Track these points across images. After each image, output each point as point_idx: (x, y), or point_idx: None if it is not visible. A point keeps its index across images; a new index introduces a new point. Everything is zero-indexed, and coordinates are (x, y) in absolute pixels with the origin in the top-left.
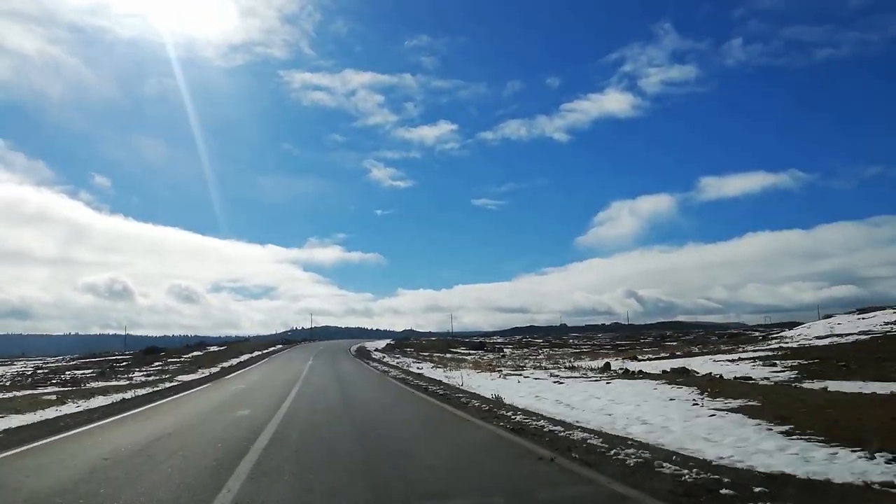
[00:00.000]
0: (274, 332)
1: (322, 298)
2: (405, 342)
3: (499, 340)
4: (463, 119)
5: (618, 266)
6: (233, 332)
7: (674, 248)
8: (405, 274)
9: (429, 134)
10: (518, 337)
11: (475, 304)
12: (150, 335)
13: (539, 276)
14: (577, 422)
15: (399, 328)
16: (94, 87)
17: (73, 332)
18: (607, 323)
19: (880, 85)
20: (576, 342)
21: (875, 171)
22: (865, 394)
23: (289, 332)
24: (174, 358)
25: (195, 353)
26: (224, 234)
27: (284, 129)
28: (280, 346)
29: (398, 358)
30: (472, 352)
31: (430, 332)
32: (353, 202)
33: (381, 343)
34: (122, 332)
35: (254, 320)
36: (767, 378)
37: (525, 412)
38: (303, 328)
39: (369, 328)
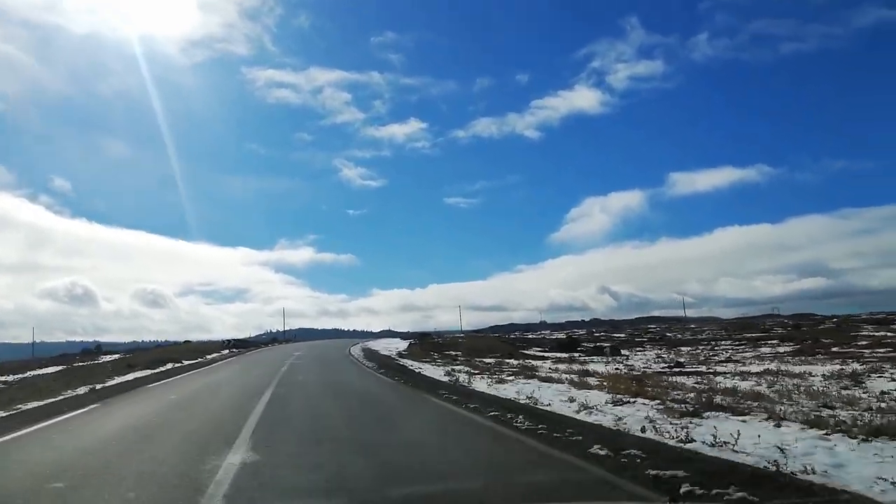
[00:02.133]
0: (248, 335)
1: (295, 300)
2: (431, 341)
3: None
4: (433, 117)
5: (591, 262)
6: (205, 336)
7: (646, 243)
8: (379, 274)
9: (399, 132)
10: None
11: (450, 302)
12: (119, 341)
13: (513, 274)
14: None
15: (376, 328)
16: (50, 85)
17: (38, 340)
18: (586, 319)
19: (845, 78)
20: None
21: (841, 165)
22: None
23: (263, 334)
24: None
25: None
26: (192, 236)
27: (250, 128)
28: (227, 352)
29: (483, 377)
30: (556, 355)
31: (447, 330)
32: (324, 202)
33: (395, 342)
34: (90, 339)
35: (226, 324)
36: None
37: None
38: (278, 330)
39: (345, 329)
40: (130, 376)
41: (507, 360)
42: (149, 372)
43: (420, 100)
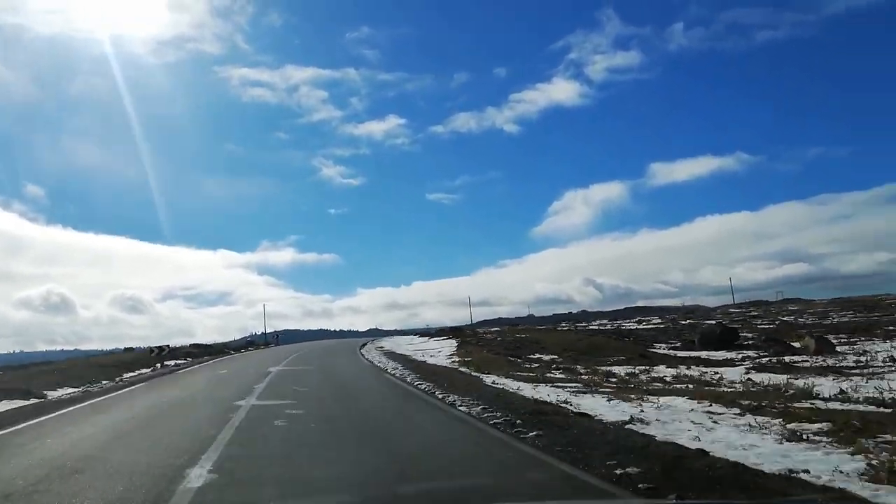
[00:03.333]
0: (232, 339)
1: (279, 302)
2: (472, 337)
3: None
4: (411, 113)
5: (574, 255)
6: (188, 341)
7: (628, 234)
8: (363, 273)
9: (377, 129)
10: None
11: (435, 299)
12: (100, 349)
13: (497, 269)
14: None
15: (362, 328)
16: (17, 89)
17: (17, 350)
18: (574, 311)
19: (818, 65)
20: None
21: (817, 152)
22: None
23: (248, 336)
24: None
25: None
26: (171, 240)
27: (226, 129)
28: (150, 370)
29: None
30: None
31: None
32: (305, 202)
33: (419, 342)
34: (70, 348)
35: (209, 327)
36: None
37: None
38: (262, 333)
39: (330, 329)
40: None
41: (652, 368)
42: None
43: (398, 96)
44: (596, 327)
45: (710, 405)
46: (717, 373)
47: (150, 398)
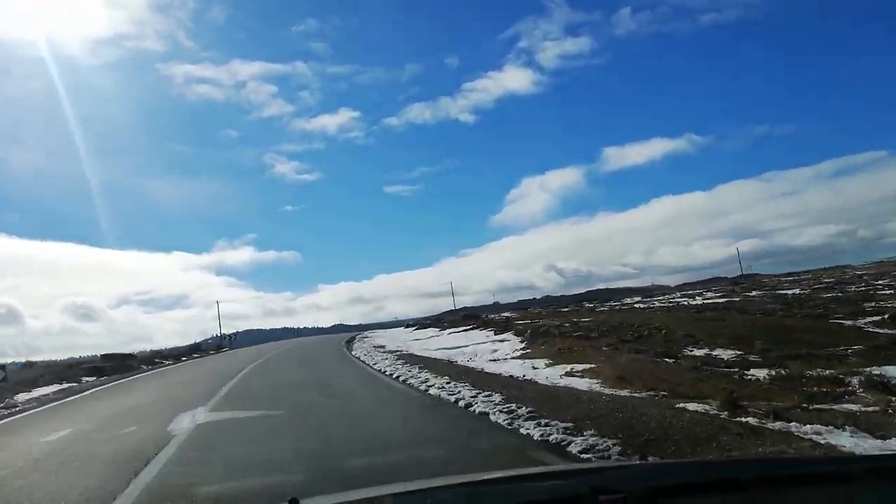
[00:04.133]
0: (192, 342)
1: (239, 302)
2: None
3: None
4: (365, 105)
5: (534, 241)
6: (147, 346)
7: (585, 219)
8: (324, 268)
9: (330, 123)
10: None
11: (399, 292)
12: (53, 360)
13: (459, 259)
14: None
15: (326, 324)
16: None
17: None
18: (538, 297)
19: (761, 45)
20: None
21: (763, 130)
22: None
23: (209, 339)
24: None
25: None
26: (123, 244)
27: (173, 127)
28: None
29: None
30: None
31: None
32: (260, 200)
33: (459, 339)
34: (21, 360)
35: (167, 331)
36: None
37: None
38: (219, 335)
39: (294, 327)
40: None
41: None
42: None
43: (349, 88)
44: (687, 302)
45: None
46: None
47: None
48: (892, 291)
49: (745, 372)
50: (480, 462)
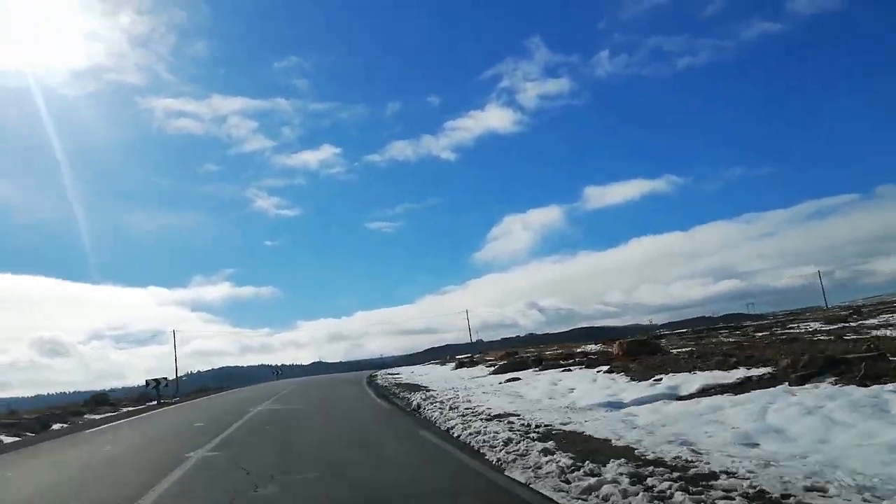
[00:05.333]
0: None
1: (216, 339)
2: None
3: None
4: (346, 142)
5: (516, 279)
6: (119, 384)
7: (567, 257)
8: (303, 305)
9: (312, 159)
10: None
11: (379, 329)
12: (20, 396)
13: (440, 296)
14: None
15: (305, 361)
16: None
17: None
18: (521, 335)
19: (736, 89)
20: None
21: (740, 172)
22: None
23: (184, 376)
24: None
25: None
26: (97, 279)
27: (152, 161)
28: None
29: None
30: None
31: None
32: (239, 235)
33: (584, 385)
34: None
35: (141, 368)
36: None
37: None
38: (199, 371)
39: (272, 364)
40: None
41: None
42: None
43: (332, 125)
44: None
45: None
46: None
47: None
48: None
49: None
50: None
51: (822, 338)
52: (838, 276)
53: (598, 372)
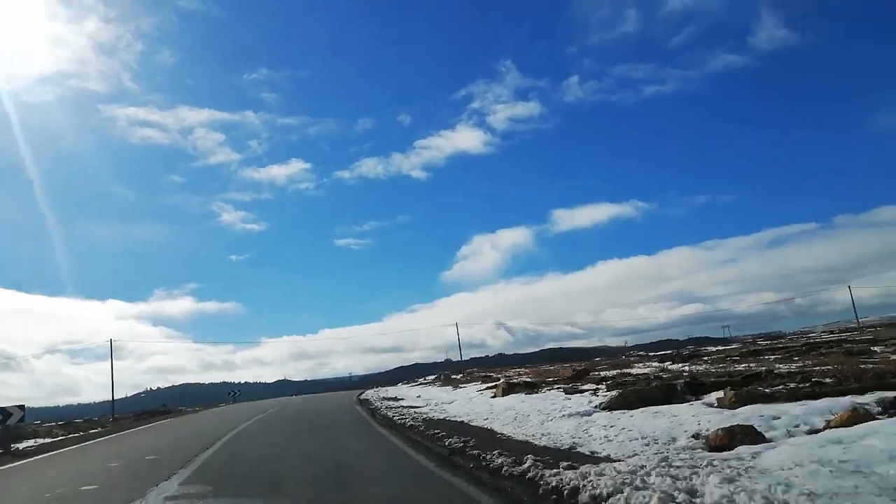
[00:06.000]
0: (124, 396)
1: (176, 354)
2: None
3: None
4: (315, 158)
5: (484, 299)
6: (74, 400)
7: (535, 278)
8: (268, 321)
9: (279, 173)
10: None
11: (345, 347)
12: None
13: (408, 314)
14: None
15: (269, 380)
16: None
17: None
18: (490, 355)
19: (700, 118)
20: None
21: (703, 200)
22: None
23: (142, 393)
24: None
25: None
26: (53, 291)
27: (114, 171)
28: None
29: None
30: None
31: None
32: (203, 248)
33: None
34: None
35: (97, 384)
36: None
37: None
38: (158, 388)
39: (233, 381)
40: None
41: None
42: None
43: (301, 140)
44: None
45: None
46: None
47: None
48: None
49: None
50: None
51: None
52: (798, 302)
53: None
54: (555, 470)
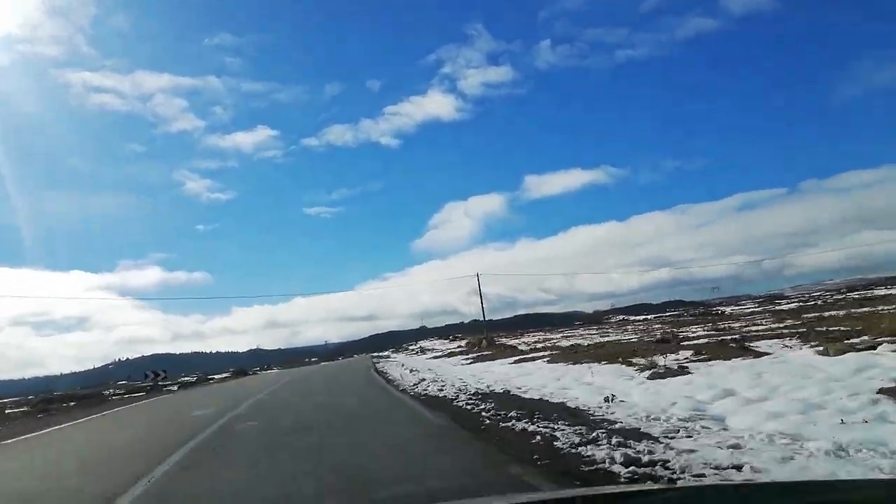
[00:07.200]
0: (91, 367)
1: (145, 325)
2: None
3: None
4: (283, 125)
5: (457, 266)
6: (41, 373)
7: (508, 245)
8: (238, 291)
9: (246, 140)
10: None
11: (318, 316)
12: None
13: (381, 282)
14: None
15: (242, 348)
16: None
17: None
18: (465, 322)
19: (672, 83)
20: None
21: (675, 165)
22: None
23: (110, 365)
24: None
25: None
26: (15, 262)
27: (70, 139)
28: None
29: None
30: None
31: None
32: (169, 218)
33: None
34: None
35: (64, 356)
36: None
37: None
38: (128, 359)
39: (206, 352)
40: None
41: None
42: None
43: (268, 106)
44: None
45: None
46: None
47: None
48: None
49: None
50: None
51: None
52: (766, 266)
53: None
54: None
